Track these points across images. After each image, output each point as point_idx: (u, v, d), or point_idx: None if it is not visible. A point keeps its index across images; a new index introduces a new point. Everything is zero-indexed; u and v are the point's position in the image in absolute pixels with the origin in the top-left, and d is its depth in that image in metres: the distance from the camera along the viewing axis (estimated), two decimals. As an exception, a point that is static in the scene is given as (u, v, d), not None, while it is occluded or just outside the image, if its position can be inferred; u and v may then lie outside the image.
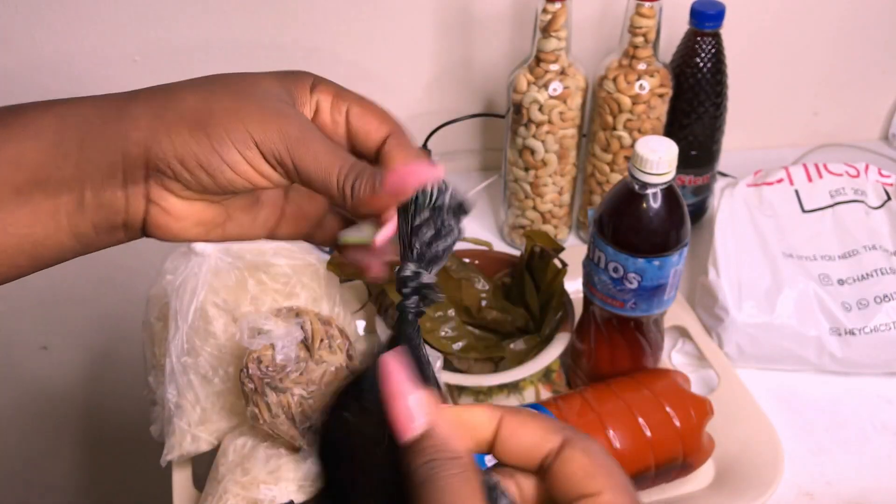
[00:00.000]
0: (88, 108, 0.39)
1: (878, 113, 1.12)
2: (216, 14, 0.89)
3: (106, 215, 0.38)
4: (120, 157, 0.37)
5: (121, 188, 0.37)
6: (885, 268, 0.78)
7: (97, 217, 0.38)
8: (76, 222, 0.38)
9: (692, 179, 0.92)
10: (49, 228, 0.37)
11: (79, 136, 0.37)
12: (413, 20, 0.93)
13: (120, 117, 0.38)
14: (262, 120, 0.37)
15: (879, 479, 0.71)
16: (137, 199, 0.38)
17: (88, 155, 0.37)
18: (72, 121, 0.38)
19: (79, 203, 0.37)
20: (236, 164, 0.37)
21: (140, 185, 0.38)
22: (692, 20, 0.85)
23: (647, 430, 0.64)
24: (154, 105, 0.38)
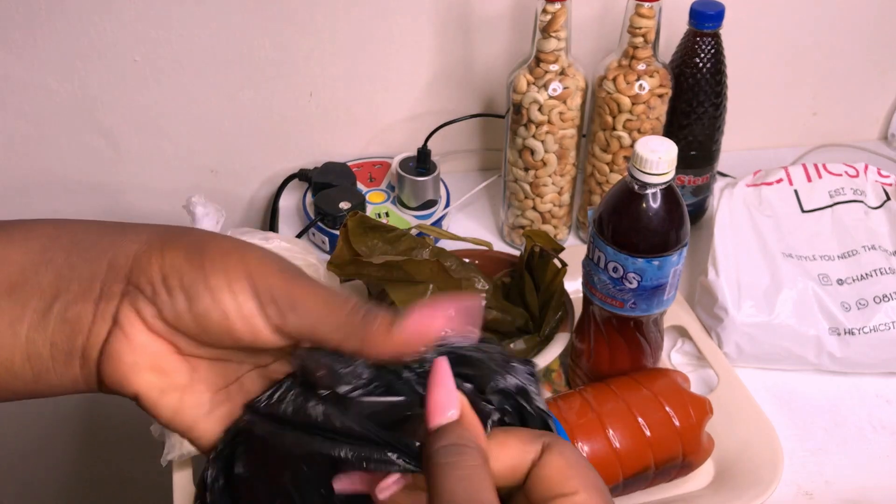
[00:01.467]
0: (91, 224, 0.36)
1: (877, 113, 1.13)
2: (216, 15, 0.89)
3: (68, 333, 0.34)
4: (105, 267, 0.35)
5: (93, 303, 0.34)
6: (885, 268, 0.78)
7: (58, 334, 0.34)
8: (34, 337, 0.34)
9: (692, 179, 0.92)
10: (4, 340, 0.34)
11: (70, 244, 0.35)
12: (413, 20, 0.93)
13: (122, 232, 0.36)
14: (263, 260, 0.35)
15: (878, 479, 0.71)
16: (104, 317, 0.34)
17: (73, 262, 0.35)
18: (68, 231, 0.36)
19: (44, 314, 0.34)
20: (218, 292, 0.34)
21: (112, 302, 0.34)
22: (691, 20, 0.85)
23: (646, 430, 0.64)
24: (159, 228, 0.36)
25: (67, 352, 0.34)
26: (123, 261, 0.35)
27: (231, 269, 0.34)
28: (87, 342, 0.34)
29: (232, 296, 0.34)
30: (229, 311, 0.34)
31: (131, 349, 0.34)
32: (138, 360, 0.35)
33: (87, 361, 0.35)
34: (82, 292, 0.34)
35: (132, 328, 0.34)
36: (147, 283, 0.34)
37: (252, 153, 1.00)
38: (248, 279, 0.34)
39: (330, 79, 0.96)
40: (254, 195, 1.03)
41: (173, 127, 0.95)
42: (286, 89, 0.96)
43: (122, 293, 0.34)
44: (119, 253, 0.35)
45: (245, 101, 0.95)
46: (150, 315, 0.34)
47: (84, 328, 0.34)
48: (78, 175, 0.97)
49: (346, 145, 1.01)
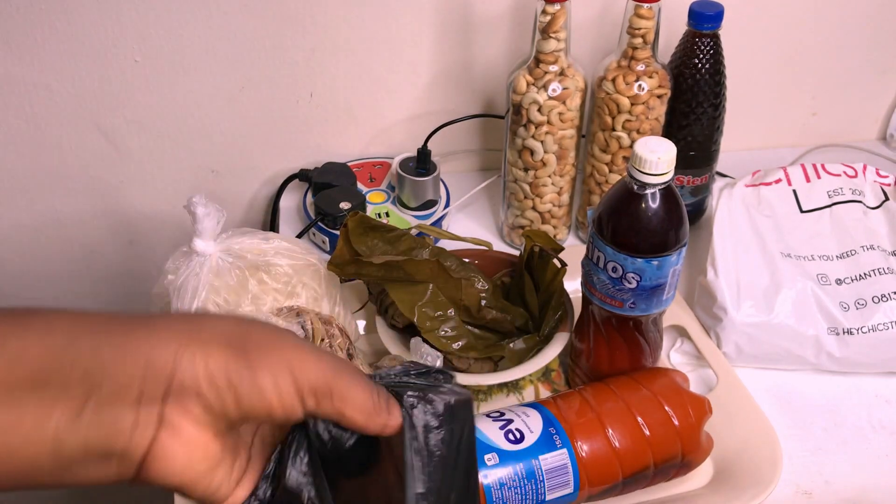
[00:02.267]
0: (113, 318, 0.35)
1: (876, 113, 1.13)
2: (217, 15, 0.89)
3: (105, 436, 0.33)
4: (142, 367, 0.33)
5: (132, 406, 0.33)
6: (883, 267, 0.79)
7: (92, 436, 0.33)
8: (64, 438, 0.32)
9: (691, 180, 0.92)
10: (29, 437, 0.32)
11: (95, 341, 0.34)
12: (413, 21, 0.94)
13: (150, 328, 0.35)
14: (300, 351, 0.37)
15: (878, 478, 0.71)
16: (149, 420, 0.34)
17: (103, 361, 0.33)
18: (91, 324, 0.35)
19: (75, 415, 0.33)
20: (265, 390, 0.35)
21: (156, 406, 0.34)
22: (691, 21, 0.85)
23: (645, 429, 0.64)
24: (187, 323, 0.36)
25: (104, 454, 0.33)
26: (163, 362, 0.34)
27: (275, 363, 0.35)
28: (129, 444, 0.34)
29: (277, 392, 0.35)
30: (273, 404, 0.36)
31: (183, 446, 0.35)
32: (192, 455, 0.35)
33: (125, 461, 0.34)
34: (118, 393, 0.33)
35: (181, 427, 0.34)
36: (193, 383, 0.34)
37: (252, 153, 1.00)
38: (290, 373, 0.36)
39: (330, 79, 0.96)
40: (254, 195, 1.03)
41: (174, 127, 0.95)
42: (286, 89, 0.96)
43: (166, 394, 0.34)
44: (156, 352, 0.34)
45: (245, 101, 0.95)
46: (199, 413, 0.35)
47: (124, 430, 0.33)
48: (78, 175, 0.97)
49: (346, 145, 1.01)
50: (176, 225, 0.99)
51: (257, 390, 0.35)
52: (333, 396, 0.36)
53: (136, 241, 1.03)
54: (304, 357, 0.36)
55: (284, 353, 0.36)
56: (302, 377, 0.36)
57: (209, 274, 0.68)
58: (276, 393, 0.35)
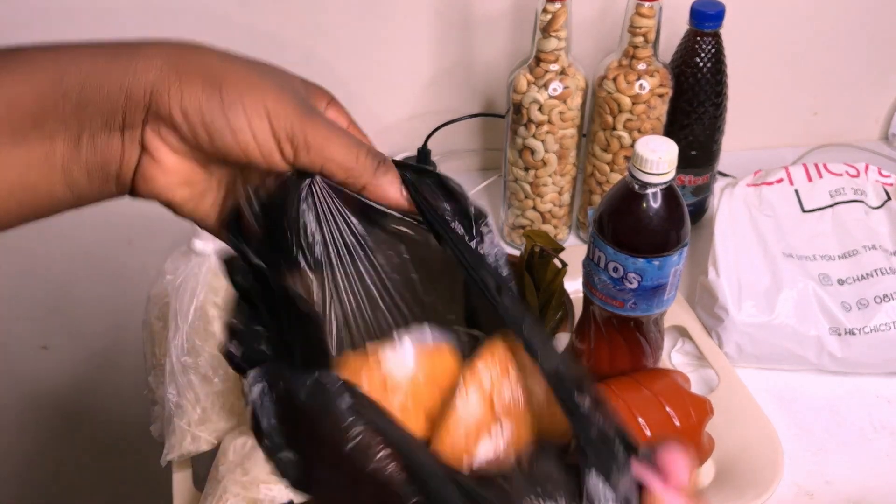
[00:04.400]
0: (95, 49, 0.37)
1: (878, 113, 1.13)
2: (216, 14, 0.89)
3: (101, 161, 0.36)
4: (123, 98, 0.36)
5: (118, 132, 0.36)
6: (885, 268, 0.78)
7: (92, 162, 0.36)
8: (70, 167, 0.36)
9: (692, 179, 0.92)
10: (42, 173, 0.36)
11: (82, 75, 0.36)
12: (413, 20, 0.93)
13: (131, 57, 0.36)
14: (280, 96, 0.37)
15: (879, 479, 0.71)
16: (133, 144, 0.36)
17: (90, 95, 0.36)
18: (74, 60, 0.37)
19: (75, 146, 0.36)
20: (239, 131, 0.36)
21: (136, 130, 0.36)
22: (692, 20, 0.85)
23: (646, 430, 0.64)
24: (172, 53, 0.37)
25: (103, 177, 0.37)
26: (141, 92, 0.36)
27: (249, 106, 0.36)
28: (120, 168, 0.37)
29: (251, 134, 0.36)
30: (249, 147, 0.36)
31: (163, 172, 0.37)
32: (171, 180, 0.37)
33: (121, 182, 0.37)
34: (106, 122, 0.36)
35: (159, 153, 0.36)
36: (167, 115, 0.36)
37: (252, 153, 1.00)
38: (266, 117, 0.36)
39: (330, 78, 0.96)
40: (254, 195, 1.03)
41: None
42: (286, 89, 0.95)
43: (144, 121, 0.36)
44: (134, 83, 0.36)
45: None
46: (174, 140, 0.36)
47: (115, 155, 0.36)
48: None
49: (346, 145, 1.01)
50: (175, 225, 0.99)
51: (230, 130, 0.36)
52: (311, 148, 0.37)
53: (136, 241, 1.03)
54: (282, 102, 0.37)
55: (263, 95, 0.37)
56: (277, 123, 0.36)
57: (208, 274, 0.68)
58: (250, 135, 0.36)
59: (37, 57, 0.36)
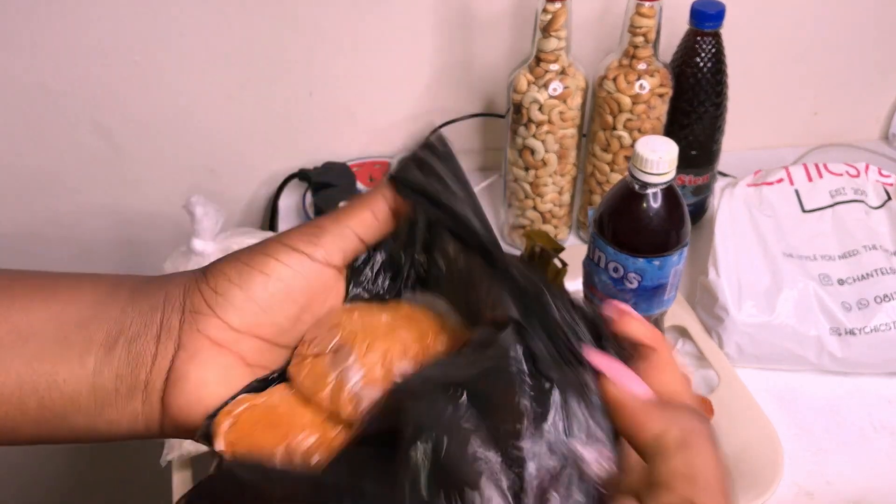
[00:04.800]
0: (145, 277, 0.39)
1: (878, 113, 1.13)
2: (216, 14, 0.89)
3: (132, 367, 0.35)
4: (161, 299, 0.36)
5: (154, 339, 0.36)
6: (885, 268, 0.78)
7: (123, 367, 0.35)
8: (101, 369, 0.35)
9: (692, 179, 0.92)
10: (73, 371, 0.35)
11: (132, 285, 0.37)
12: (413, 20, 0.93)
13: (171, 276, 0.38)
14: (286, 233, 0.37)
15: (879, 479, 0.71)
16: (167, 349, 0.35)
17: (135, 299, 0.36)
18: (130, 277, 0.38)
19: (111, 348, 0.35)
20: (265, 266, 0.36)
21: (173, 334, 0.35)
22: (692, 20, 0.85)
23: (647, 430, 0.64)
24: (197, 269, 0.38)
25: (131, 385, 0.35)
26: (177, 292, 0.36)
27: (265, 247, 0.36)
28: (150, 375, 0.35)
29: (277, 262, 0.36)
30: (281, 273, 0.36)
31: (198, 366, 0.35)
32: (207, 376, 0.35)
33: (149, 395, 0.35)
34: (143, 328, 0.36)
35: (197, 348, 0.35)
36: (201, 302, 0.35)
37: (252, 153, 1.00)
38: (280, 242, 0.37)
39: (330, 79, 0.96)
40: (254, 195, 1.03)
41: (173, 127, 0.95)
42: (286, 89, 0.95)
43: (181, 322, 0.35)
44: (171, 289, 0.36)
45: (245, 101, 0.95)
46: (214, 328, 0.35)
47: (146, 362, 0.35)
48: (78, 175, 0.96)
49: (346, 145, 1.01)
50: (175, 225, 0.99)
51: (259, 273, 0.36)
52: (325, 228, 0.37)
53: (135, 241, 1.03)
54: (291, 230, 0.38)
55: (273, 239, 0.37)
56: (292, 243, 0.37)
57: (208, 274, 0.68)
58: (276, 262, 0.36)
59: (101, 274, 0.38)
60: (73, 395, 0.35)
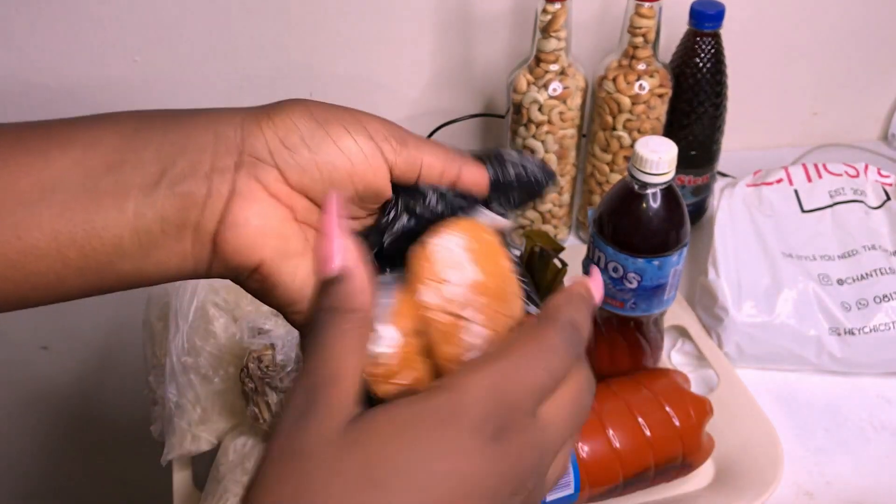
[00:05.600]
0: (178, 111, 0.37)
1: (878, 113, 1.13)
2: (216, 14, 0.89)
3: (179, 207, 0.34)
4: (211, 140, 0.34)
5: (204, 178, 0.34)
6: (885, 268, 0.78)
7: (169, 209, 0.33)
8: (143, 212, 0.33)
9: (692, 179, 0.92)
10: (110, 217, 0.33)
11: (164, 124, 0.35)
12: (413, 20, 0.93)
13: (216, 111, 0.36)
14: (371, 117, 0.37)
15: (879, 479, 0.71)
16: (221, 191, 0.34)
17: (172, 139, 0.34)
18: (158, 115, 0.36)
19: (151, 190, 0.33)
20: (340, 139, 0.35)
21: (227, 175, 0.34)
22: (692, 20, 0.85)
23: (646, 430, 0.64)
24: (252, 108, 0.37)
25: (179, 225, 0.34)
26: (232, 132, 0.35)
27: (345, 119, 0.36)
28: (201, 215, 0.34)
29: (352, 140, 0.35)
30: (352, 153, 0.35)
31: (257, 214, 0.34)
32: (265, 225, 0.34)
33: (200, 235, 0.34)
34: (190, 167, 0.34)
35: (254, 196, 0.34)
36: (264, 149, 0.34)
37: (252, 153, 1.00)
38: (362, 125, 0.36)
39: (330, 79, 0.96)
40: (254, 195, 1.03)
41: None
42: (286, 89, 0.96)
43: (237, 165, 0.34)
44: (223, 126, 0.35)
45: (245, 101, 0.94)
46: (272, 180, 0.35)
47: (198, 201, 0.34)
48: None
49: (346, 145, 1.01)
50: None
51: (332, 141, 0.35)
52: (408, 143, 0.37)
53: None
54: (374, 120, 0.37)
55: (354, 115, 0.37)
56: (373, 128, 0.36)
57: (208, 274, 0.68)
58: (353, 143, 0.35)
59: (121, 115, 0.36)
60: (115, 241, 0.33)
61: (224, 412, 0.69)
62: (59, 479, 1.27)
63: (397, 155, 0.36)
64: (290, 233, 0.36)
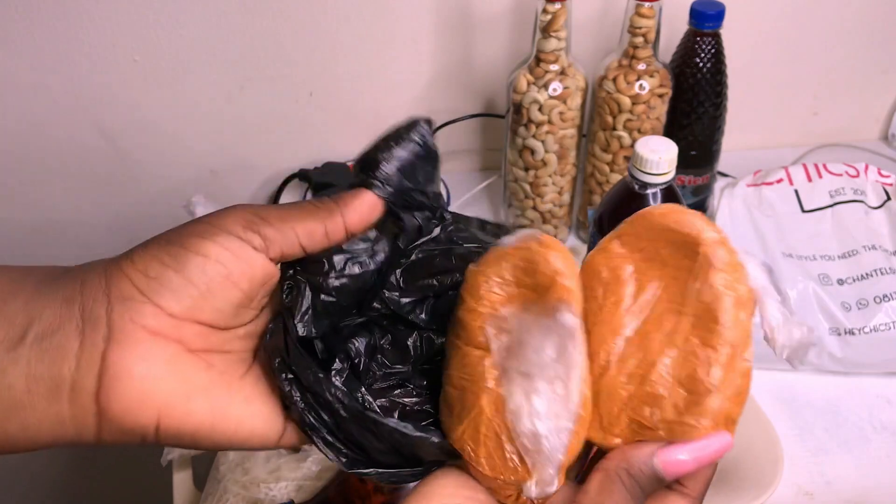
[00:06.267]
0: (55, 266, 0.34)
1: (878, 113, 1.13)
2: (216, 15, 0.89)
3: (49, 362, 0.30)
4: (78, 287, 0.32)
5: (75, 330, 0.31)
6: (885, 268, 0.78)
7: (36, 365, 0.30)
8: (4, 368, 0.30)
9: (692, 179, 0.92)
10: None
11: (40, 277, 0.32)
12: (413, 20, 0.93)
13: (86, 264, 0.34)
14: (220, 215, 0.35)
15: (879, 479, 0.71)
16: (95, 342, 0.31)
17: (42, 291, 0.32)
18: (36, 269, 0.34)
19: (16, 344, 0.30)
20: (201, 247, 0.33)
21: (101, 325, 0.31)
22: (692, 20, 0.85)
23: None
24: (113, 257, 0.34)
25: (52, 384, 0.31)
26: (97, 279, 0.32)
27: (198, 229, 0.33)
28: (77, 373, 0.31)
29: (212, 243, 0.33)
30: (220, 256, 0.33)
31: (140, 359, 0.31)
32: (152, 369, 0.31)
33: (78, 396, 0.31)
34: (58, 321, 0.31)
35: (134, 338, 0.31)
36: (131, 287, 0.32)
37: (252, 153, 1.00)
38: (216, 226, 0.33)
39: (330, 79, 0.96)
40: (254, 195, 1.03)
41: (173, 127, 0.95)
42: (286, 89, 0.96)
43: (107, 311, 0.31)
44: (89, 275, 0.33)
45: (245, 101, 0.95)
46: (150, 315, 0.32)
47: (69, 355, 0.31)
48: (78, 175, 0.96)
49: (346, 145, 1.01)
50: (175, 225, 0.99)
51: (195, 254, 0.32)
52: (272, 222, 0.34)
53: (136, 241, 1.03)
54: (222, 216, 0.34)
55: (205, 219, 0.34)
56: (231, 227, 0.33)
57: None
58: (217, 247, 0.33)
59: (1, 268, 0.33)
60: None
61: (224, 412, 0.69)
62: (59, 480, 1.27)
63: (266, 239, 0.34)
64: (186, 368, 0.33)
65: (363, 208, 0.36)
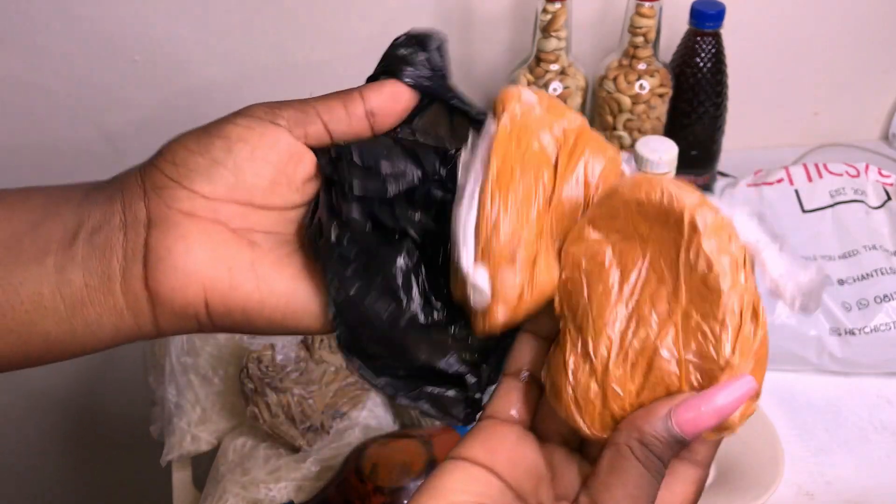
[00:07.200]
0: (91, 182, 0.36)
1: (878, 113, 1.13)
2: (216, 14, 0.89)
3: (100, 256, 0.32)
4: (119, 188, 0.34)
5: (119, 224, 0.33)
6: (885, 268, 0.78)
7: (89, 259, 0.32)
8: (63, 265, 0.32)
9: (692, 179, 0.92)
10: (29, 272, 0.32)
11: (84, 185, 0.35)
12: (413, 20, 0.93)
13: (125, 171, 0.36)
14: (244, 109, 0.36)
15: (879, 479, 0.71)
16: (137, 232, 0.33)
17: (91, 195, 0.34)
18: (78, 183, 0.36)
19: (69, 243, 0.32)
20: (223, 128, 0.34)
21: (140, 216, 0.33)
22: (692, 20, 0.85)
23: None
24: None
25: (104, 277, 0.32)
26: (132, 178, 0.34)
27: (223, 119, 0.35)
28: (125, 263, 0.32)
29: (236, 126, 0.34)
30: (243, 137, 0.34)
31: (178, 239, 0.32)
32: (191, 247, 0.32)
33: (130, 285, 0.32)
34: (104, 217, 0.33)
35: (171, 221, 0.32)
36: (161, 176, 0.33)
37: (252, 153, 1.00)
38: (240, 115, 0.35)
39: (330, 79, 0.96)
40: (254, 195, 1.03)
41: (173, 127, 0.95)
42: (286, 89, 0.95)
43: (145, 202, 0.33)
44: (125, 178, 0.35)
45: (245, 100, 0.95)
46: (184, 199, 0.33)
47: (117, 247, 0.32)
48: (78, 175, 0.96)
49: (346, 145, 1.01)
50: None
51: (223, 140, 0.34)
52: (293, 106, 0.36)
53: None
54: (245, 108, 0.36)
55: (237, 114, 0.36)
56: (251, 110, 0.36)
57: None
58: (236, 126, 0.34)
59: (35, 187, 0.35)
60: (34, 297, 0.32)
61: (224, 412, 0.69)
62: (59, 480, 1.27)
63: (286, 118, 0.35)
64: (228, 245, 0.33)
65: (384, 90, 0.36)
